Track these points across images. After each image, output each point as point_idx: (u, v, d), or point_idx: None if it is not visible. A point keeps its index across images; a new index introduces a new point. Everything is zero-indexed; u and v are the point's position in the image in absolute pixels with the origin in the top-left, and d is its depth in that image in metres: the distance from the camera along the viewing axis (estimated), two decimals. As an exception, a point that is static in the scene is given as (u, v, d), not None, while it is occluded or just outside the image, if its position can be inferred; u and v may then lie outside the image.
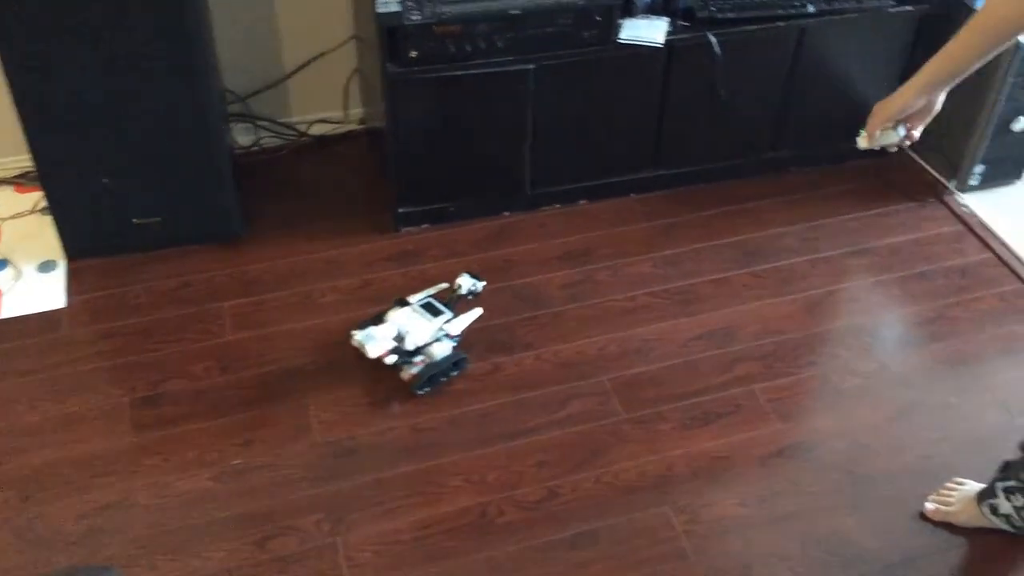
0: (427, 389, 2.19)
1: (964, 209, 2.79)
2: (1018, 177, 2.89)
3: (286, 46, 2.80)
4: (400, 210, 2.61)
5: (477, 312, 2.31)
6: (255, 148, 2.89)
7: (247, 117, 2.85)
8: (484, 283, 2.37)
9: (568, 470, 2.06)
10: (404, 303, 2.29)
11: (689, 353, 2.35)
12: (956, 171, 2.82)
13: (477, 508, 1.98)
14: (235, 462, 2.05)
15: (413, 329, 2.20)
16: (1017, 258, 2.62)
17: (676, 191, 2.83)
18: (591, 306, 2.46)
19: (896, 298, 2.52)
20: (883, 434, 2.15)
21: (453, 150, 2.54)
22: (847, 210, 2.79)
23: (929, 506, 1.98)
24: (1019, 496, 1.83)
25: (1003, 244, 2.67)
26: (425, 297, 2.31)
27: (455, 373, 2.23)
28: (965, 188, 2.82)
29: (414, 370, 2.20)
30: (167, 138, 2.33)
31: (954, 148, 2.80)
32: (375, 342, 2.17)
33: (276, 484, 2.01)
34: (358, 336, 2.20)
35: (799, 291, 2.52)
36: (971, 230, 2.72)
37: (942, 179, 2.86)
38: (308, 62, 2.83)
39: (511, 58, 2.38)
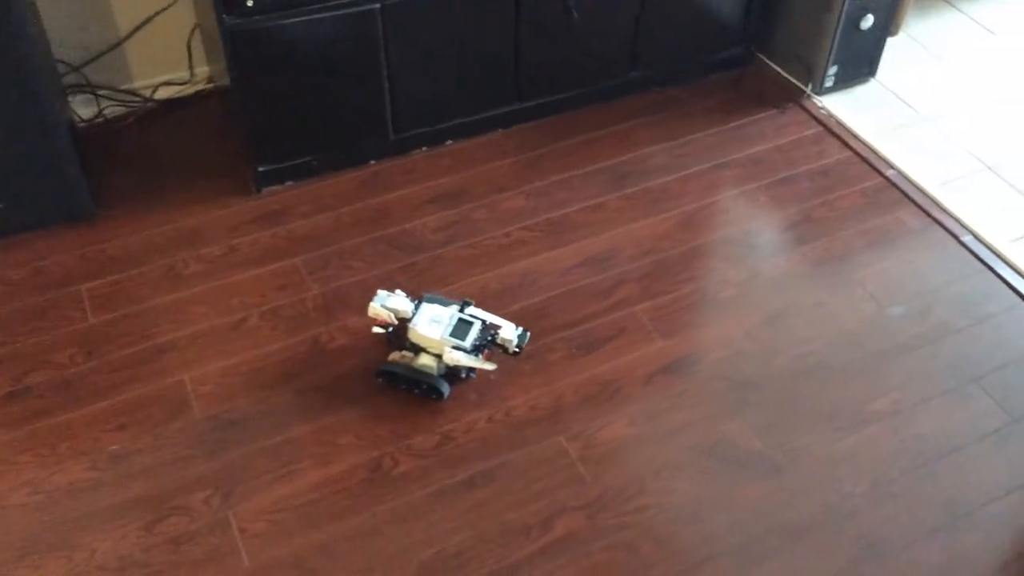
0: (385, 379, 2.07)
1: (822, 111, 2.85)
2: (872, 74, 2.96)
3: (117, 8, 2.63)
4: (260, 169, 2.51)
5: (489, 366, 2.05)
6: (99, 120, 2.73)
7: (85, 87, 2.68)
8: (523, 347, 2.03)
9: (460, 413, 2.04)
10: (465, 307, 2.08)
11: (569, 282, 2.34)
12: (811, 75, 2.87)
13: (371, 462, 1.95)
14: (112, 448, 1.96)
15: (420, 326, 2.01)
16: (875, 153, 2.70)
17: (543, 122, 2.80)
18: (468, 246, 2.43)
19: (764, 205, 2.57)
20: (760, 339, 2.20)
21: (307, 101, 2.44)
22: (712, 124, 2.82)
23: None
24: None
25: (861, 142, 2.74)
26: (479, 318, 2.04)
27: (416, 392, 2.05)
28: (821, 91, 2.88)
29: (393, 357, 2.07)
30: (-5, 119, 2.18)
31: (807, 52, 2.84)
32: (380, 306, 2.02)
33: (159, 465, 1.94)
34: (382, 292, 2.04)
35: (672, 209, 2.55)
36: (830, 131, 2.78)
37: (799, 84, 2.91)
38: (144, 22, 2.67)
39: (356, -2, 2.30)
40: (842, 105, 2.86)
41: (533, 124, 2.80)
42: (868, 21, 2.74)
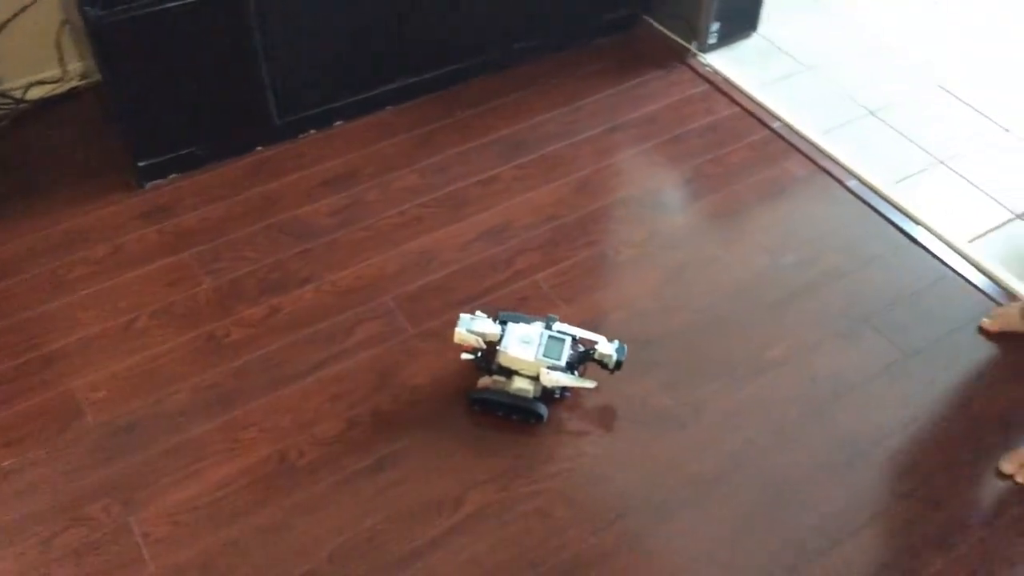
0: (477, 408, 1.98)
1: (707, 69, 2.88)
2: (753, 29, 3.01)
3: (-24, 6, 2.51)
4: (141, 164, 2.43)
5: (589, 384, 1.97)
6: (-32, 125, 2.61)
7: (-51, 92, 2.57)
8: (622, 361, 1.94)
9: (364, 397, 2.02)
10: (548, 325, 1.98)
11: (469, 256, 2.33)
12: (695, 33, 2.89)
13: (275, 455, 1.91)
14: (4, 464, 1.89)
15: (511, 349, 1.91)
16: (761, 107, 2.74)
17: (433, 96, 2.77)
18: (364, 228, 2.39)
19: (658, 165, 2.59)
20: (659, 298, 2.22)
21: (183, 90, 2.36)
22: (601, 88, 2.82)
23: (986, 321, 2.15)
24: None
25: (747, 96, 2.78)
26: (569, 334, 1.96)
27: (515, 418, 1.96)
28: (705, 48, 2.91)
29: (483, 382, 1.99)
30: None
31: (690, 10, 2.87)
32: (465, 328, 1.93)
33: (54, 478, 1.87)
34: (465, 315, 1.95)
35: (566, 175, 2.55)
36: (717, 88, 2.81)
37: (684, 43, 2.93)
38: (7, 21, 2.55)
39: (224, -19, 2.23)
40: (727, 61, 2.90)
41: (424, 99, 2.77)
42: (746, -24, 2.78)
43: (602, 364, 1.96)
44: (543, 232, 2.39)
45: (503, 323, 1.97)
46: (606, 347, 1.96)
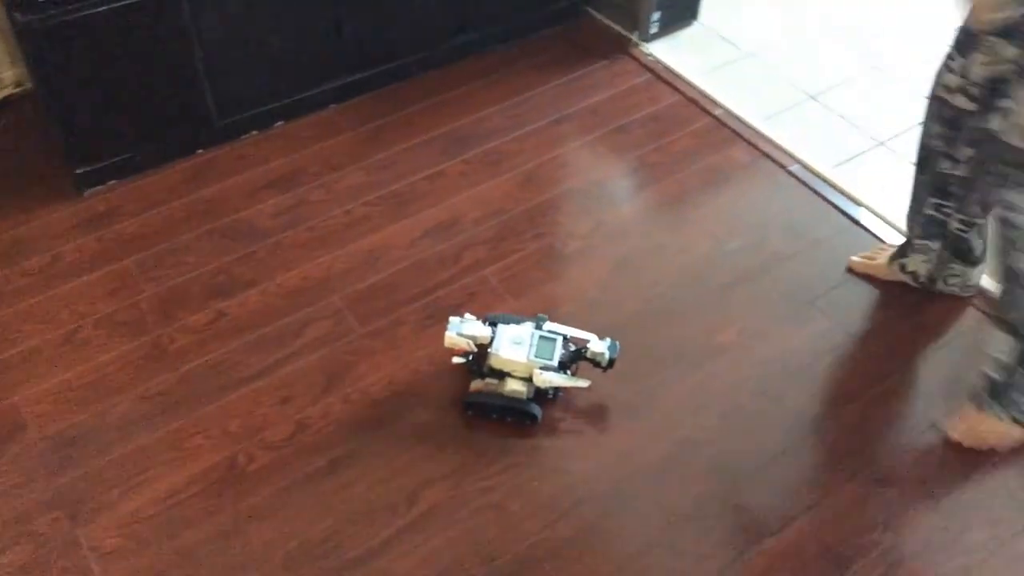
0: (474, 411, 1.95)
1: (650, 58, 2.89)
2: (694, 17, 3.02)
3: (-101, 14, 2.44)
4: (78, 171, 2.38)
5: (582, 383, 1.95)
6: None
7: None
8: (615, 358, 1.94)
9: (313, 399, 2.00)
10: (540, 323, 1.96)
11: (416, 254, 2.32)
12: (637, 23, 2.90)
13: (224, 461, 1.89)
14: (-56, 484, 1.85)
15: (503, 350, 1.90)
16: (703, 94, 2.76)
17: (376, 93, 2.75)
18: (309, 228, 2.37)
19: (602, 155, 2.60)
20: (608, 288, 2.23)
21: (119, 95, 2.32)
22: (545, 80, 2.82)
23: (855, 259, 2.25)
24: (920, 255, 2.10)
25: (689, 84, 2.79)
26: (559, 334, 1.95)
27: (509, 419, 1.94)
28: (647, 38, 2.92)
29: (475, 385, 1.96)
30: None
31: (631, 0, 2.87)
32: (456, 334, 1.90)
33: (-2, 495, 1.84)
34: (454, 318, 1.92)
35: (512, 168, 2.54)
36: (659, 77, 2.82)
37: (626, 33, 2.94)
38: (-68, 28, 2.49)
39: (156, -18, 2.19)
40: (668, 50, 2.91)
41: (367, 96, 2.75)
42: (684, -35, 2.79)
43: (595, 362, 1.96)
44: (490, 226, 2.38)
45: (493, 325, 1.96)
46: (598, 345, 1.95)
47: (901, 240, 2.19)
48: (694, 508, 1.83)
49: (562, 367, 1.93)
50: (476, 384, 1.96)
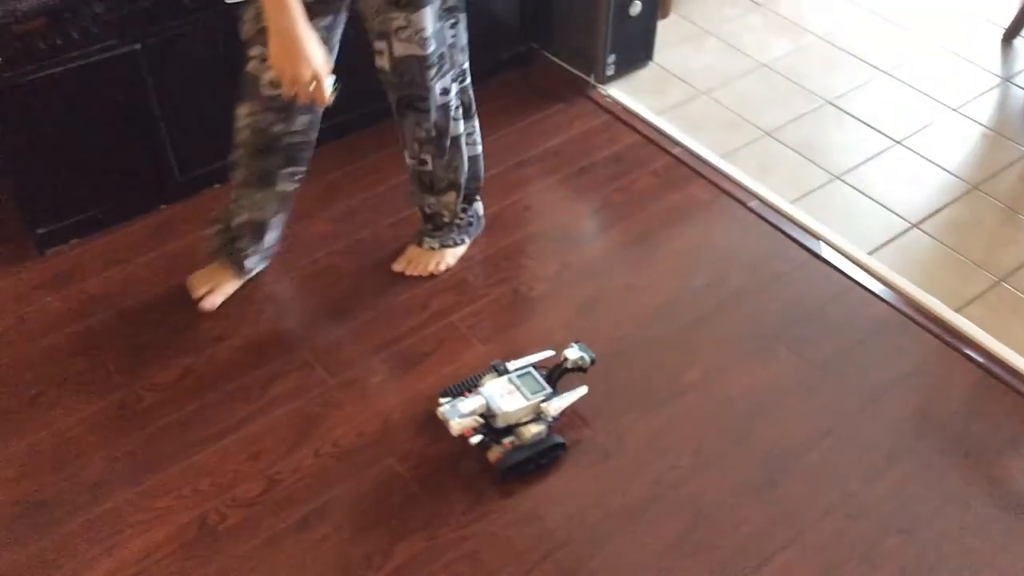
0: (513, 475, 1.93)
1: (607, 99, 2.93)
2: (649, 58, 3.08)
3: None
4: (39, 231, 2.36)
5: (582, 391, 2.02)
6: None
7: None
8: (593, 356, 2.04)
9: (284, 453, 1.99)
10: (503, 370, 2.02)
11: (384, 301, 2.32)
12: (592, 66, 2.95)
13: (195, 521, 1.87)
14: (-92, 558, 1.81)
15: (505, 406, 1.94)
16: (662, 134, 2.80)
17: (335, 143, 2.72)
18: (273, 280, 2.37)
19: (565, 197, 2.63)
20: (574, 329, 2.25)
21: (79, 154, 2.31)
22: (504, 124, 2.85)
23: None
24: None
25: (647, 124, 2.84)
26: (526, 366, 2.04)
27: (545, 462, 1.96)
28: (604, 80, 2.96)
29: (495, 453, 1.95)
30: None
31: (585, 43, 2.92)
32: (459, 419, 1.92)
33: (-37, 566, 1.80)
34: (443, 408, 1.95)
35: (476, 213, 2.56)
36: (617, 118, 2.87)
37: (583, 75, 2.99)
38: None
39: (113, 42, 2.19)
40: (625, 91, 2.96)
41: (330, 145, 2.73)
42: (636, 7, 2.84)
43: (579, 369, 2.03)
44: (456, 271, 2.40)
45: (470, 390, 2.00)
46: (573, 353, 2.04)
47: None
48: (667, 550, 1.83)
49: (557, 391, 2.00)
50: (495, 451, 1.95)
